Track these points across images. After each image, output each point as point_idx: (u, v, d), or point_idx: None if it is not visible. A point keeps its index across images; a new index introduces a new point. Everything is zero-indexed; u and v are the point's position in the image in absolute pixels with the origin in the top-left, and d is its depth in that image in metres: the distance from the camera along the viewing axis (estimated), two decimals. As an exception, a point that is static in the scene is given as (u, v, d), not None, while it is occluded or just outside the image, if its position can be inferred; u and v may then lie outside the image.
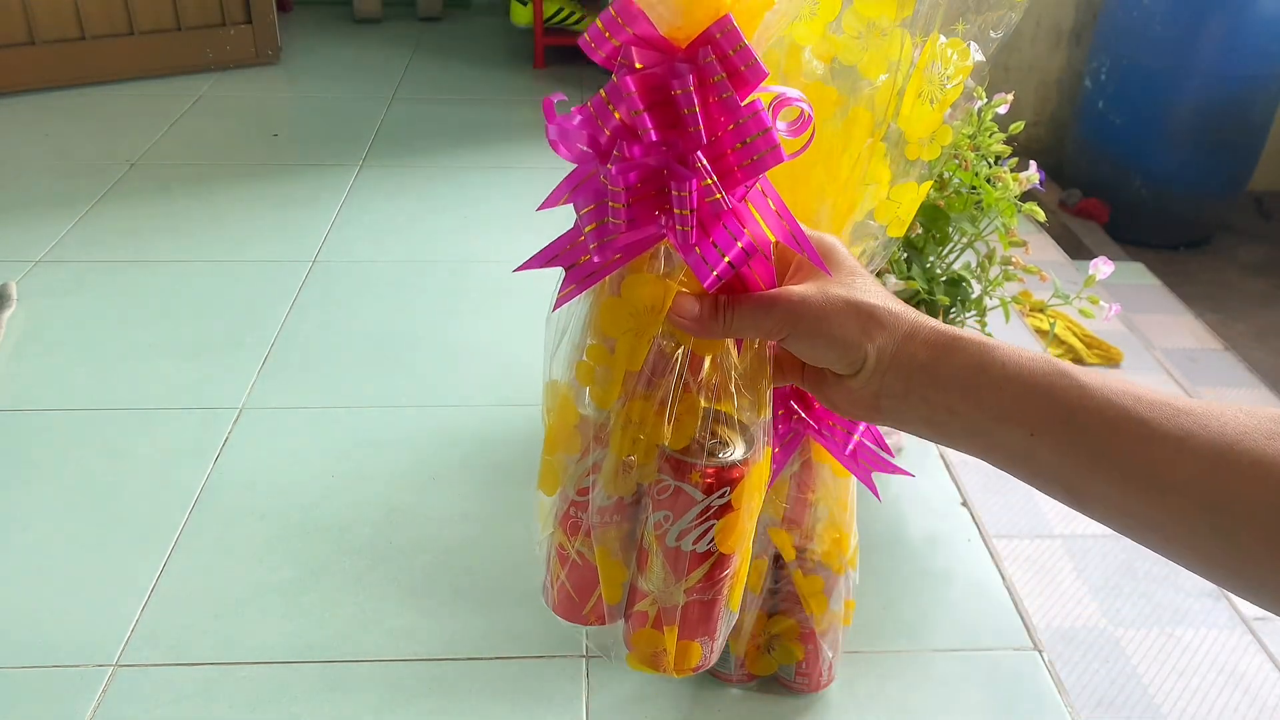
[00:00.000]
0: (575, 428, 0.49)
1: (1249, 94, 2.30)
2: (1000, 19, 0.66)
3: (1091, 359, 1.64)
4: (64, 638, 0.88)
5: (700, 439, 0.48)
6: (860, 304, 0.44)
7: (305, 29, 2.68)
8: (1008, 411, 0.41)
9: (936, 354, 0.42)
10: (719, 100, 0.41)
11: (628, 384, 0.47)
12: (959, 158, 0.94)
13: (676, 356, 0.47)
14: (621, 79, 0.40)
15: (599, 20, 0.41)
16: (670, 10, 0.40)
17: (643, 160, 0.41)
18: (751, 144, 0.41)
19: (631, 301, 0.45)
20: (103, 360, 1.27)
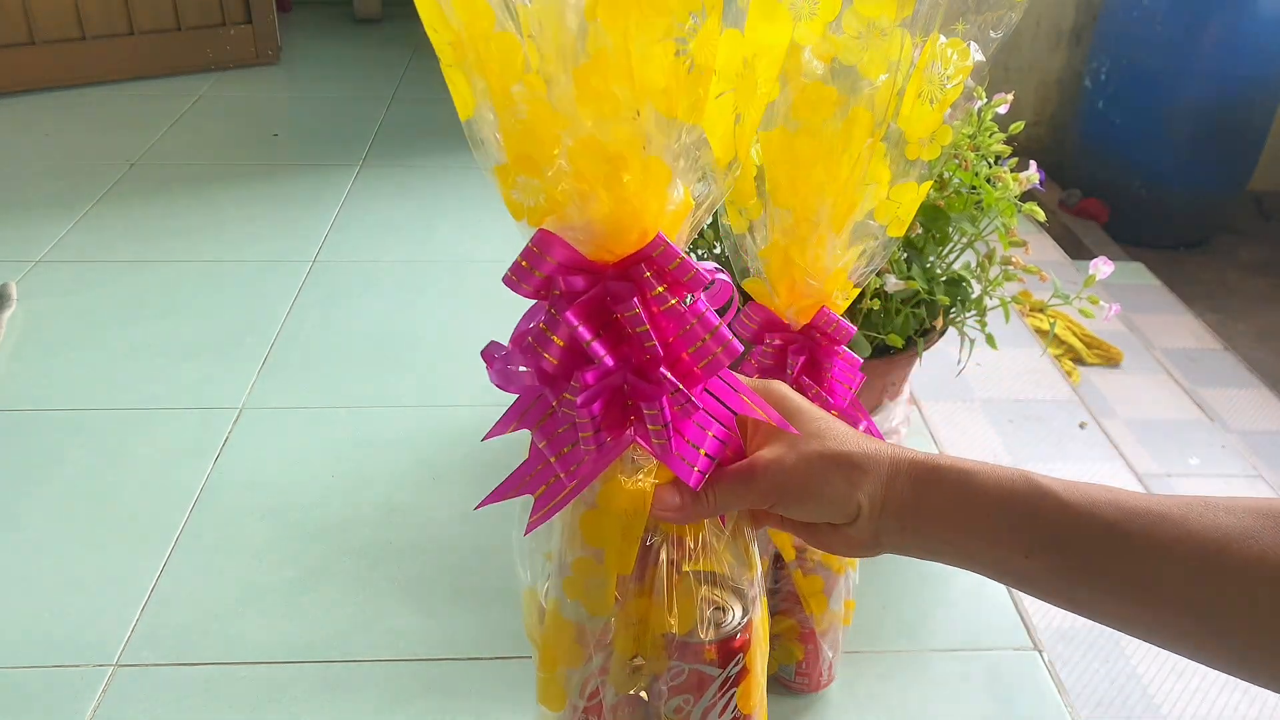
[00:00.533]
0: (572, 639, 0.48)
1: (1249, 94, 2.30)
2: (1000, 19, 0.66)
3: (1091, 359, 1.64)
4: (64, 638, 0.88)
5: (701, 614, 0.47)
6: (838, 455, 0.44)
7: (305, 29, 2.68)
8: (998, 539, 0.41)
9: (922, 490, 0.43)
10: (663, 311, 0.40)
11: (620, 587, 0.46)
12: (959, 158, 0.94)
13: (660, 546, 0.46)
14: (561, 314, 0.39)
15: (520, 258, 0.40)
16: (595, 238, 0.39)
17: (603, 385, 0.40)
18: (705, 345, 0.41)
19: (613, 511, 0.45)
20: (103, 360, 1.27)
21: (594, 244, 0.40)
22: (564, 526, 0.47)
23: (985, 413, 1.28)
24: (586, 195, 0.38)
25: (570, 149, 0.37)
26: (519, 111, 0.36)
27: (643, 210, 0.39)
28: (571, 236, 0.39)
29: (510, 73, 0.35)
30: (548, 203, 0.39)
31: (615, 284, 0.40)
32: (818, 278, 0.66)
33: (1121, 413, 1.52)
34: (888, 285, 0.91)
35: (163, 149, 1.92)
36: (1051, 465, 1.18)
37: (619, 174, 0.37)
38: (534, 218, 0.40)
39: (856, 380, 0.70)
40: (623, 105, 0.36)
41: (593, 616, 0.47)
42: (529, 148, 0.37)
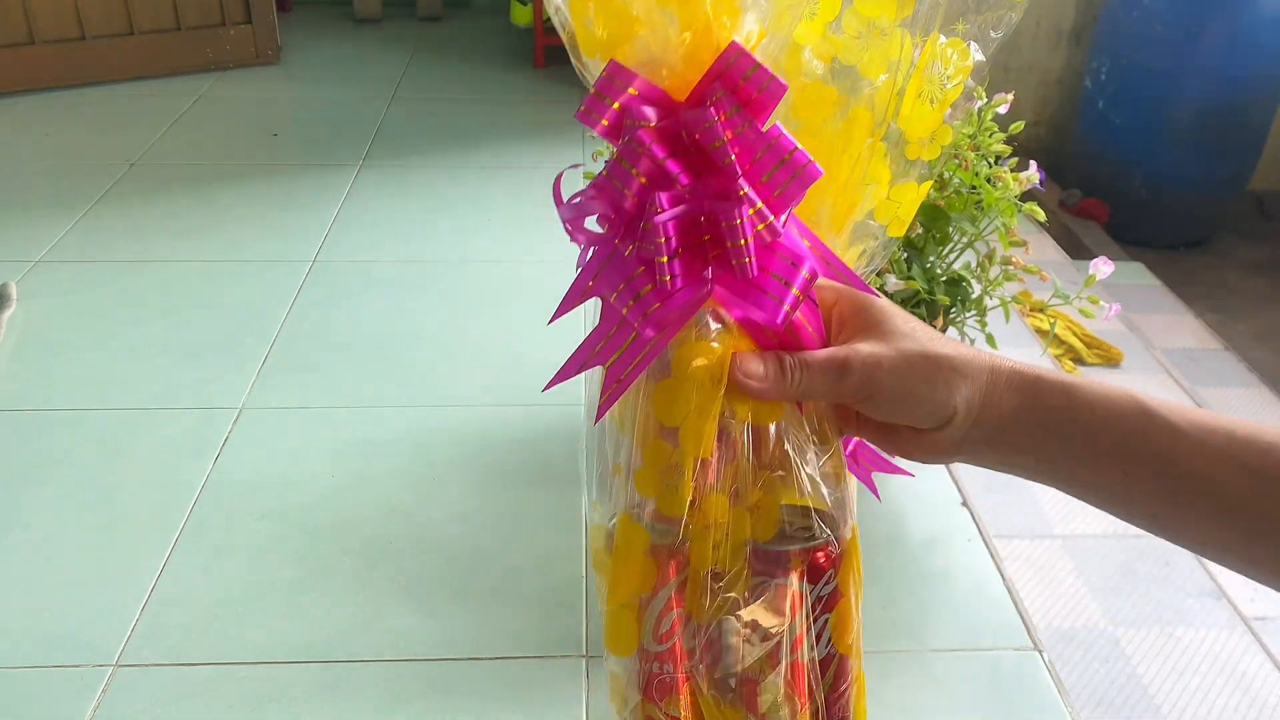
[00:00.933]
0: (646, 555, 0.42)
1: (1249, 94, 2.30)
2: (1000, 19, 0.66)
3: (1091, 359, 1.64)
4: (64, 638, 0.88)
5: (786, 523, 0.43)
6: (938, 357, 0.42)
7: (305, 29, 2.68)
8: (1101, 455, 0.40)
9: (1022, 400, 0.41)
10: (736, 136, 0.39)
11: (697, 480, 0.40)
12: (959, 158, 0.94)
13: (740, 434, 0.41)
14: (635, 136, 0.38)
15: (594, 86, 0.38)
16: (669, 57, 0.38)
17: (681, 207, 0.38)
18: (784, 166, 0.39)
19: (689, 378, 0.40)
20: (103, 360, 1.27)
21: (667, 74, 0.38)
22: (635, 409, 0.41)
23: (985, 413, 1.28)
24: (660, 15, 0.37)
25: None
26: None
27: (715, 30, 0.38)
28: (643, 71, 0.38)
29: None
30: (621, 29, 0.37)
31: (690, 111, 0.38)
32: (818, 278, 0.66)
33: (1121, 413, 1.51)
34: (888, 285, 0.91)
35: (163, 149, 1.92)
36: (1051, 465, 1.19)
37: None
38: (606, 51, 0.38)
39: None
40: None
41: (668, 519, 0.41)
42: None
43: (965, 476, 1.14)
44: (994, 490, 1.13)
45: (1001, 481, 1.15)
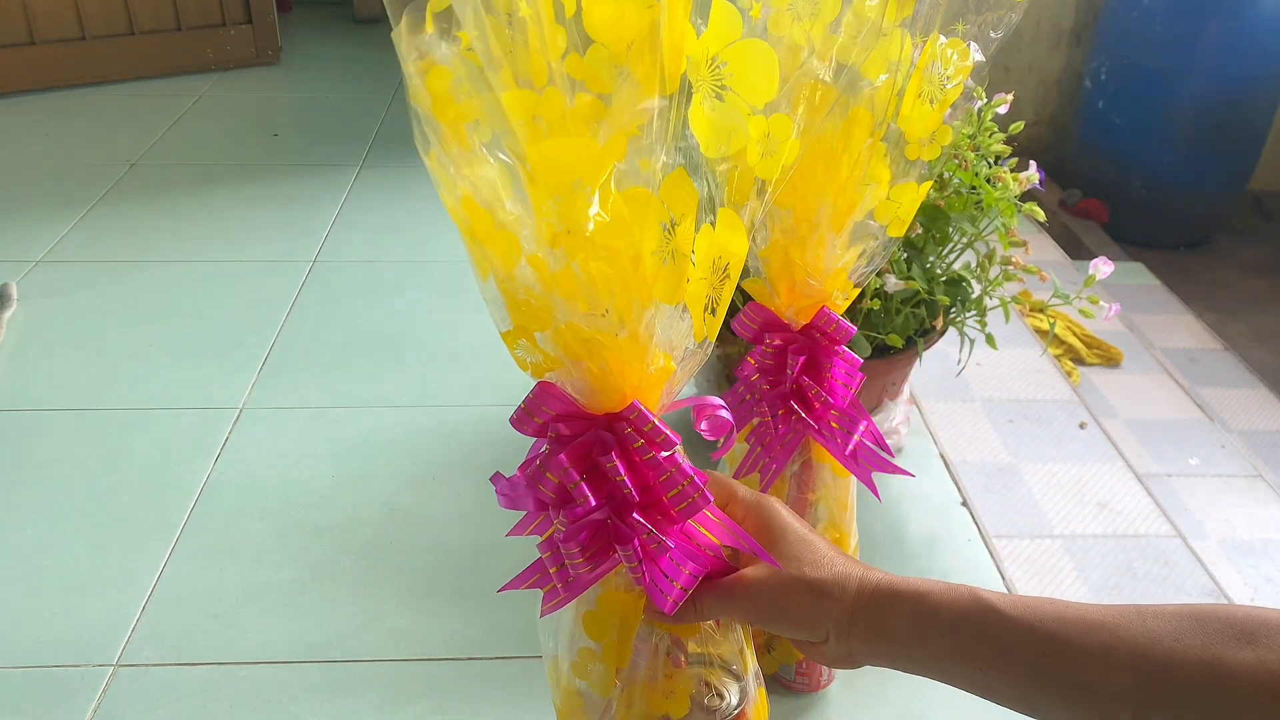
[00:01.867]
0: (581, 708, 0.53)
1: (1249, 94, 2.30)
2: (1000, 19, 0.66)
3: (1091, 359, 1.64)
4: (64, 638, 0.88)
5: (698, 699, 0.52)
6: (810, 582, 0.48)
7: (305, 29, 2.68)
8: (954, 655, 0.46)
9: (881, 614, 0.47)
10: (644, 460, 0.46)
11: (621, 674, 0.51)
12: (959, 158, 0.94)
13: (657, 641, 0.52)
14: (554, 454, 0.45)
15: (523, 404, 0.46)
16: (582, 393, 0.45)
17: (588, 520, 0.46)
18: (681, 492, 0.46)
19: (609, 613, 0.51)
20: (103, 360, 1.27)
21: (585, 397, 0.45)
22: (571, 618, 0.52)
23: (985, 413, 1.28)
24: (574, 364, 0.44)
25: (557, 330, 0.43)
26: (518, 292, 0.42)
27: (622, 377, 0.45)
28: (569, 389, 0.45)
29: (511, 260, 0.41)
30: (545, 363, 0.45)
31: (601, 433, 0.46)
32: (818, 278, 0.66)
33: (1122, 413, 1.52)
34: (888, 285, 0.91)
35: (163, 149, 1.92)
36: (1052, 465, 1.19)
37: (598, 350, 0.43)
38: (536, 372, 0.46)
39: (856, 380, 0.70)
40: (596, 303, 0.41)
41: (597, 696, 0.53)
42: (527, 321, 0.43)
43: (965, 477, 1.14)
44: (994, 490, 1.13)
45: (1001, 481, 1.15)
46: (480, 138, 0.40)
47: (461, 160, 0.40)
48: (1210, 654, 0.39)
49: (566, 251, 0.40)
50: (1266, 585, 1.13)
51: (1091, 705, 0.42)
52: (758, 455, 0.72)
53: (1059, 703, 0.43)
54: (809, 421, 0.70)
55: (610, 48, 0.38)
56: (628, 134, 0.39)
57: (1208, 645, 0.39)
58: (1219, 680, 0.39)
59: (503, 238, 0.40)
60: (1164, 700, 0.40)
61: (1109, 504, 1.13)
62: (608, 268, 0.40)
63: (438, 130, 0.40)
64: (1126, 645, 0.41)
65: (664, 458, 0.46)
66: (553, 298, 0.41)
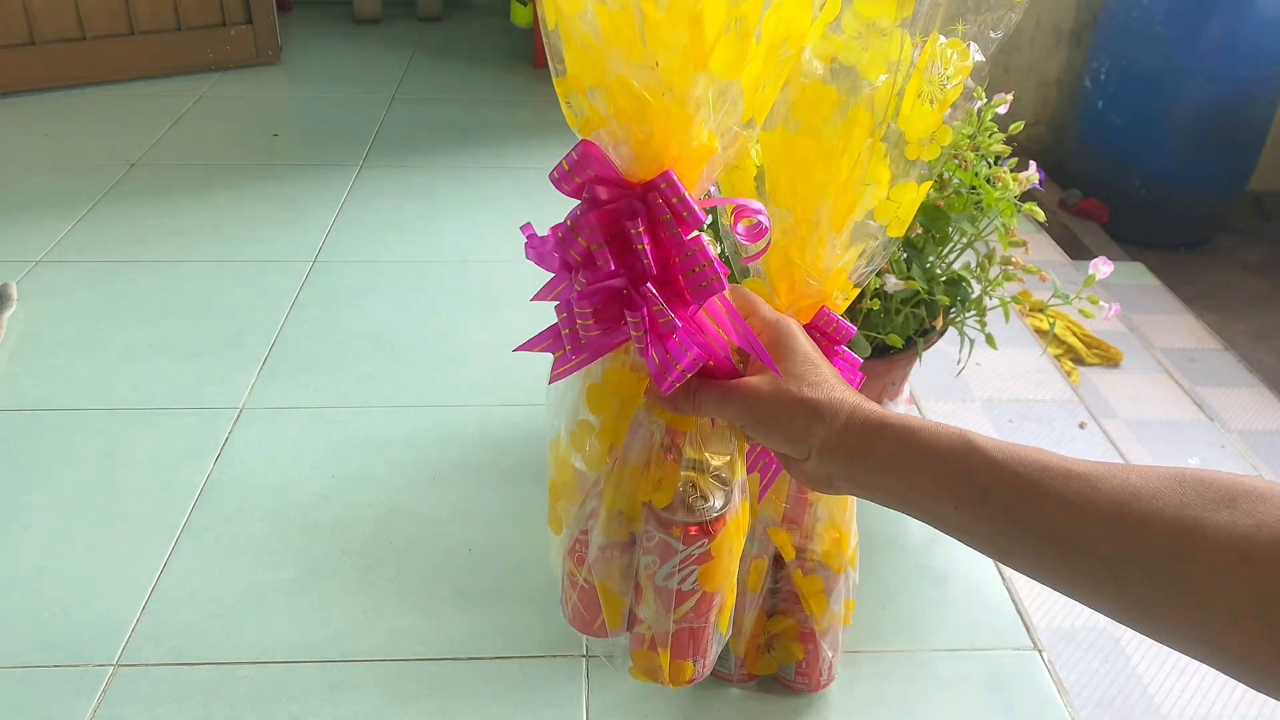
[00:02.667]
0: (573, 482, 0.56)
1: (1249, 94, 2.30)
2: (1000, 19, 0.66)
3: (1091, 359, 1.64)
4: (64, 637, 0.88)
5: (682, 495, 0.54)
6: (806, 400, 0.50)
7: (305, 29, 2.68)
8: (934, 489, 0.46)
9: (868, 442, 0.48)
10: (669, 235, 0.46)
11: (614, 452, 0.53)
12: (959, 158, 0.94)
13: (653, 428, 0.53)
14: (585, 214, 0.46)
15: (565, 161, 0.46)
16: (623, 159, 0.46)
17: (604, 285, 0.47)
18: (699, 273, 0.47)
19: (611, 388, 0.52)
20: (103, 360, 1.27)
21: (625, 164, 0.45)
22: (575, 389, 0.53)
23: (985, 413, 1.28)
24: (620, 125, 0.43)
25: (608, 86, 0.42)
26: (577, 37, 0.42)
27: (664, 145, 0.44)
28: (612, 152, 0.45)
29: (577, 2, 0.41)
30: (594, 119, 0.44)
31: (633, 201, 0.46)
32: (818, 278, 0.66)
33: (1121, 412, 1.52)
34: (888, 285, 0.91)
35: (163, 149, 1.92)
36: (1051, 465, 1.19)
37: (644, 111, 0.42)
38: (584, 129, 0.45)
39: (856, 380, 0.70)
40: (645, 54, 0.41)
41: (588, 471, 0.55)
42: (582, 71, 0.43)
43: (965, 476, 1.14)
44: (994, 490, 1.13)
45: (1001, 481, 1.15)
46: None
47: None
48: (1186, 514, 0.39)
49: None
50: (1266, 585, 1.13)
51: (1062, 553, 0.42)
52: (758, 455, 0.72)
53: (1031, 549, 0.43)
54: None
55: None
56: None
57: (1185, 505, 0.39)
58: (1191, 539, 0.38)
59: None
60: (1134, 553, 0.40)
61: (1109, 504, 1.13)
62: (665, 16, 0.40)
63: None
64: (1106, 498, 0.41)
65: (689, 238, 0.46)
66: (610, 47, 0.41)
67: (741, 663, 0.83)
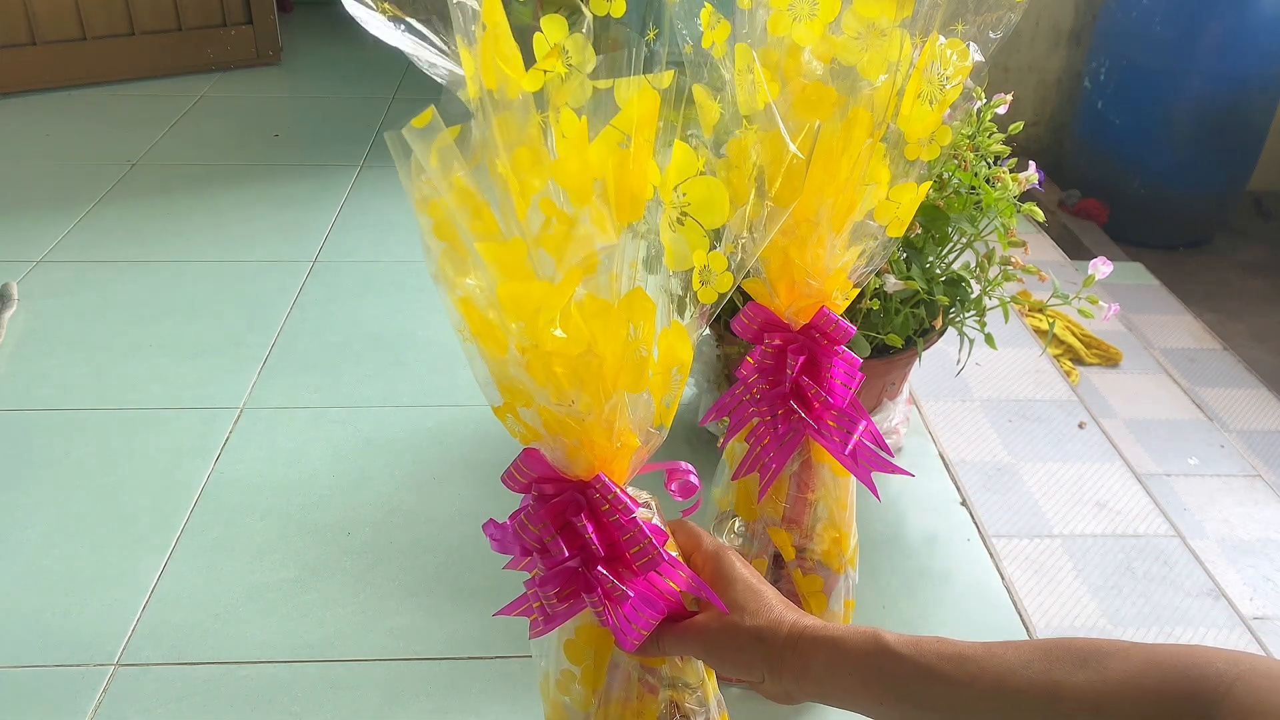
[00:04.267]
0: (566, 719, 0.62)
1: (1249, 94, 2.30)
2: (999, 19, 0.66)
3: (1091, 359, 1.64)
4: (65, 637, 0.88)
5: (665, 719, 0.61)
6: (749, 630, 0.55)
7: (306, 29, 2.68)
8: (862, 690, 0.52)
9: (804, 658, 0.53)
10: (610, 521, 0.53)
11: (597, 694, 0.60)
12: (958, 158, 0.94)
13: (630, 666, 0.59)
14: (537, 510, 0.53)
15: (512, 466, 0.54)
16: (560, 462, 0.53)
17: (562, 568, 0.54)
18: (641, 550, 0.53)
19: (585, 642, 0.59)
20: (103, 360, 1.27)
21: (563, 466, 0.53)
22: (555, 643, 0.61)
23: (984, 412, 1.28)
24: (552, 438, 0.52)
25: (539, 408, 0.51)
26: (505, 377, 0.50)
27: (591, 452, 0.52)
28: (550, 456, 0.53)
29: (500, 351, 0.49)
30: (529, 434, 0.53)
31: (576, 495, 0.53)
32: (817, 277, 0.67)
33: (1121, 413, 1.52)
34: (887, 285, 0.91)
35: (164, 149, 1.92)
36: (1051, 465, 1.19)
37: (570, 430, 0.51)
38: (523, 440, 0.54)
39: (856, 380, 0.70)
40: (563, 395, 0.49)
41: (578, 711, 0.61)
42: (514, 399, 0.51)
43: (965, 476, 1.14)
44: (993, 490, 1.13)
45: (1000, 481, 1.15)
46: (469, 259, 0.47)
47: (457, 270, 0.47)
48: (1050, 678, 0.46)
49: (530, 361, 0.48)
50: (1265, 584, 1.13)
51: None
52: (758, 455, 0.72)
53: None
54: (808, 421, 0.70)
55: (578, 191, 0.46)
56: (586, 271, 0.46)
57: (1049, 670, 0.46)
58: (1055, 700, 0.45)
59: (491, 334, 0.48)
60: (1014, 717, 0.47)
61: (1108, 504, 1.13)
62: (569, 371, 0.48)
63: (438, 246, 0.47)
64: (989, 676, 0.48)
65: (626, 520, 0.53)
66: (532, 385, 0.49)
67: (741, 662, 0.84)
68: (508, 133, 0.45)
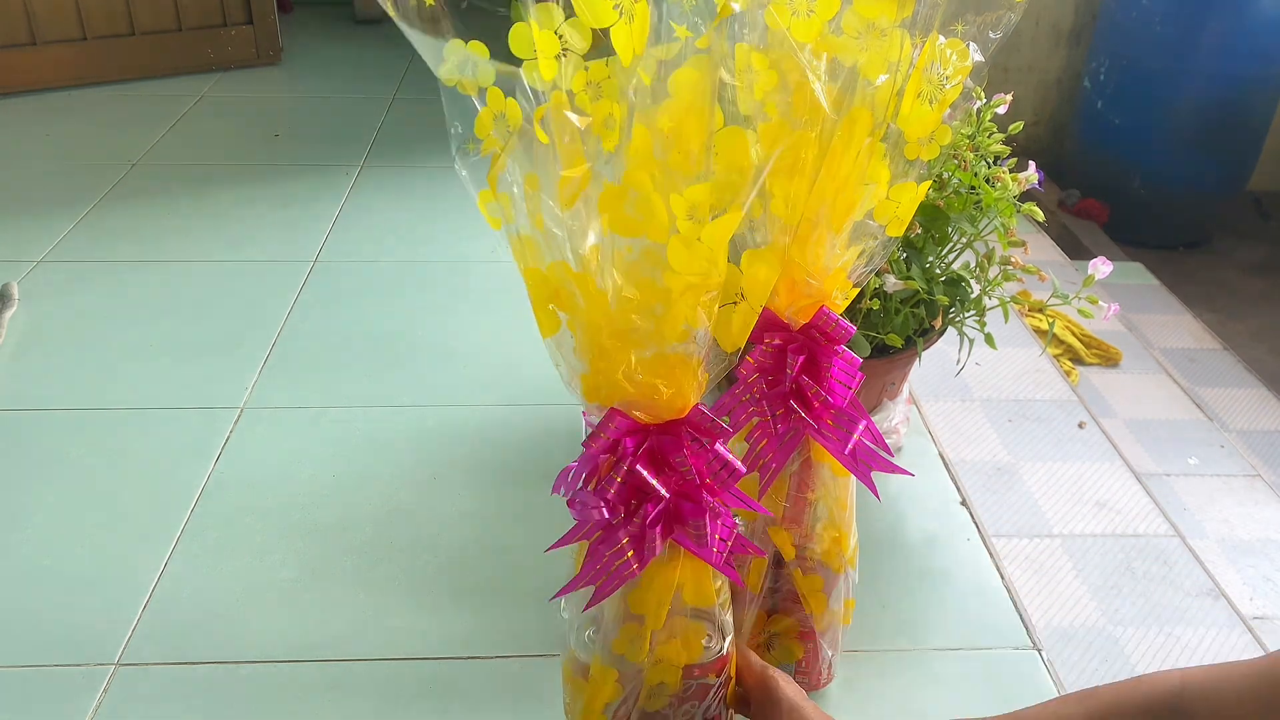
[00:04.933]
0: (616, 682, 0.65)
1: (1249, 94, 2.30)
2: (999, 19, 0.66)
3: (1090, 359, 1.64)
4: (65, 637, 0.88)
5: (702, 644, 0.66)
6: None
7: (306, 29, 2.68)
8: None
9: None
10: (697, 451, 0.59)
11: (653, 637, 0.63)
12: (958, 158, 0.94)
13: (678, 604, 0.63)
14: (628, 463, 0.57)
15: (596, 429, 0.57)
16: (650, 409, 0.57)
17: (662, 507, 0.59)
18: (719, 473, 0.60)
19: (653, 587, 0.62)
20: (103, 360, 1.27)
21: (650, 413, 0.58)
22: (612, 603, 0.63)
23: (984, 412, 1.28)
24: (649, 386, 0.56)
25: (644, 359, 0.55)
26: (604, 339, 0.55)
27: (684, 391, 0.57)
28: (631, 410, 0.57)
29: (599, 315, 0.54)
30: (615, 393, 0.57)
31: (662, 438, 0.58)
32: (817, 277, 0.67)
33: (1120, 412, 1.52)
34: (887, 285, 0.91)
35: (164, 149, 1.92)
36: (1051, 465, 1.19)
37: (673, 372, 0.56)
38: (607, 402, 0.58)
39: (856, 380, 0.70)
40: (684, 331, 0.55)
41: (632, 663, 0.64)
42: (609, 362, 0.56)
43: (965, 476, 1.14)
44: (993, 490, 1.13)
45: (1000, 481, 1.15)
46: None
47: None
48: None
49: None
50: (1265, 585, 1.13)
51: None
52: (758, 454, 0.72)
53: None
54: (808, 421, 0.70)
55: None
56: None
57: None
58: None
59: (600, 296, 0.53)
60: None
61: (1108, 503, 1.13)
62: (689, 304, 0.54)
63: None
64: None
65: (707, 448, 0.59)
66: (644, 338, 0.54)
67: (741, 662, 0.84)
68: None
